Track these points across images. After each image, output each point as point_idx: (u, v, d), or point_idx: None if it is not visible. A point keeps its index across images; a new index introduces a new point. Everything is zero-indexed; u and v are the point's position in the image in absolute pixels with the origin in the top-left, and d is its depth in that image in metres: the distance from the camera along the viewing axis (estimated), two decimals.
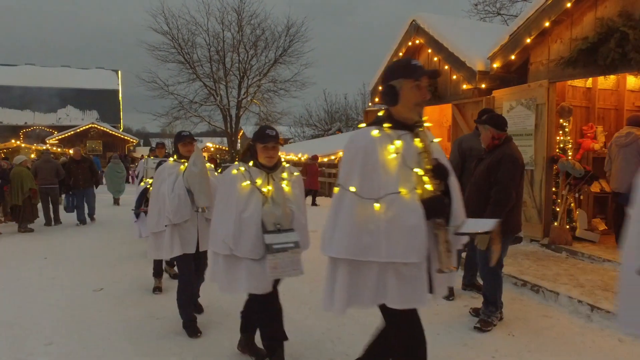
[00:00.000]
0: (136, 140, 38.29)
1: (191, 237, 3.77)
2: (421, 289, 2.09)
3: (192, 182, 3.67)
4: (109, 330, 4.04)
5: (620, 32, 4.98)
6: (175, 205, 3.64)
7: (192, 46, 28.77)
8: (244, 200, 2.86)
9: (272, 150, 2.95)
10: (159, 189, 3.79)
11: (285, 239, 2.83)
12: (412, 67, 2.14)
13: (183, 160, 3.85)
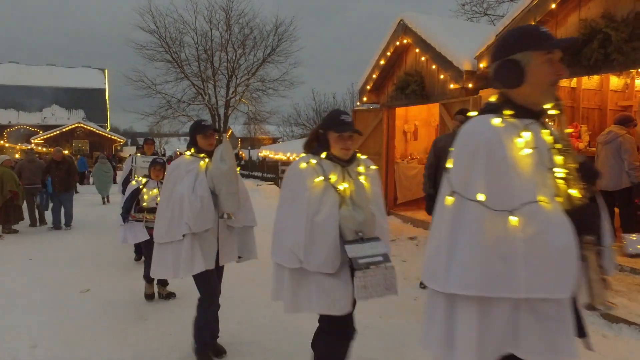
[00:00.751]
0: (123, 140, 37.93)
1: (211, 249, 3.18)
2: (566, 334, 1.56)
3: (219, 183, 3.06)
4: (96, 332, 4.00)
5: (603, 33, 5.06)
6: (197, 209, 3.03)
7: (179, 45, 28.58)
8: (316, 200, 2.32)
9: (349, 141, 2.42)
10: (172, 189, 3.16)
11: (372, 250, 2.31)
12: (542, 35, 1.61)
13: (202, 155, 3.24)
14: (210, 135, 3.30)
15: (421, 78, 8.21)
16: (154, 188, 4.92)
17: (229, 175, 3.07)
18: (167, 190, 3.22)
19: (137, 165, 6.53)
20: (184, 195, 3.08)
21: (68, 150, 30.57)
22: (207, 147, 3.28)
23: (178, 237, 3.09)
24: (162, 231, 3.17)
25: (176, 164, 3.25)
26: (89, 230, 9.20)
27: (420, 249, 6.68)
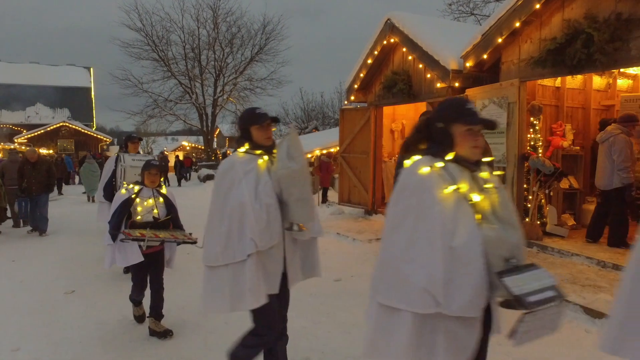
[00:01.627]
0: (109, 139, 37.53)
1: (277, 270, 2.56)
2: None
3: (289, 186, 2.48)
4: (81, 334, 3.96)
5: (586, 34, 5.13)
6: (263, 221, 2.43)
7: (166, 43, 28.37)
8: (450, 218, 1.74)
9: (479, 138, 1.90)
10: (226, 195, 2.51)
11: (537, 282, 1.74)
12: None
13: (259, 151, 2.62)
14: (268, 126, 2.65)
15: (408, 77, 8.25)
16: (149, 197, 3.94)
17: (301, 177, 2.48)
18: (219, 197, 2.55)
19: (127, 164, 5.55)
20: (246, 203, 2.43)
21: (53, 150, 30.27)
22: (265, 141, 2.63)
23: (240, 258, 2.43)
24: (216, 251, 2.47)
25: (229, 163, 2.60)
26: (74, 230, 9.08)
27: None
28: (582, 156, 7.58)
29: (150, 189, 3.99)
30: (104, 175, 5.91)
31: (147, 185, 4.00)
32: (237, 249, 2.43)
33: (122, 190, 4.00)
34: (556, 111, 7.47)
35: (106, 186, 5.78)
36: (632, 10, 4.95)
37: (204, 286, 2.56)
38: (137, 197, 3.91)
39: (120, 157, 5.69)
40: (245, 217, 2.42)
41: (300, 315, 4.18)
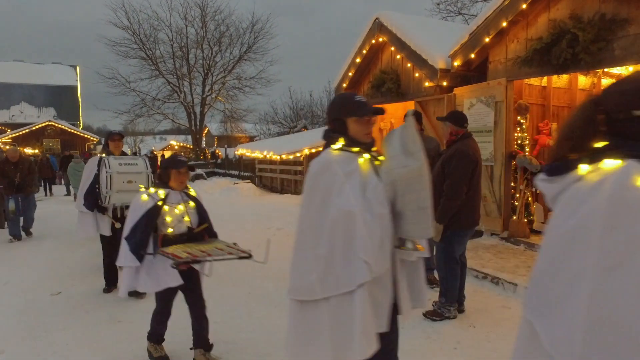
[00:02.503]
0: (97, 139, 37.10)
1: (386, 301, 1.98)
2: None
3: (407, 190, 1.91)
4: (68, 336, 3.91)
5: (571, 34, 5.20)
6: (377, 238, 1.85)
7: (154, 42, 28.10)
8: None
9: None
10: (323, 204, 1.91)
11: None
12: None
13: (357, 149, 2.04)
14: (369, 120, 2.10)
15: (397, 76, 8.28)
16: (178, 203, 3.18)
17: (422, 178, 1.92)
18: (312, 206, 1.95)
19: (112, 170, 4.61)
20: (355, 214, 1.83)
21: (39, 150, 29.85)
22: (365, 137, 2.08)
23: (347, 288, 1.84)
24: (311, 279, 1.88)
25: (323, 163, 2.00)
26: (59, 231, 8.95)
27: None
28: None
29: (178, 192, 3.22)
30: (84, 179, 4.92)
31: (175, 187, 3.22)
32: (343, 276, 1.83)
33: (142, 197, 3.14)
34: (542, 110, 7.55)
35: (88, 194, 4.82)
36: (615, 11, 5.02)
37: (291, 328, 2.03)
38: (165, 204, 3.12)
39: (104, 162, 4.69)
40: (354, 232, 1.81)
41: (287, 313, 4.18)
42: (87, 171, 4.96)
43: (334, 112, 2.12)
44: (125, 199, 4.67)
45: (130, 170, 4.73)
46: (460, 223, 3.94)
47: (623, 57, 5.04)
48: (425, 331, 3.85)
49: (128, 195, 4.55)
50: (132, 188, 4.59)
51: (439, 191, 3.94)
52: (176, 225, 3.14)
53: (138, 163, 4.89)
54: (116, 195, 4.69)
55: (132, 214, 3.14)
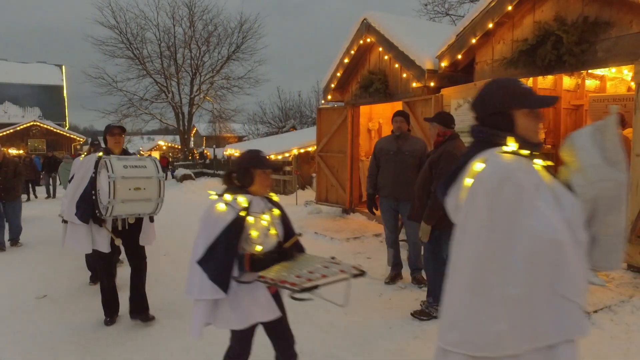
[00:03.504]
0: (83, 139, 36.67)
1: None
2: None
3: (610, 210, 1.56)
4: (55, 339, 3.87)
5: (556, 36, 5.28)
6: (585, 275, 1.52)
7: (141, 41, 27.86)
8: None
9: None
10: (512, 228, 1.44)
11: None
12: None
13: (527, 152, 1.58)
14: (539, 115, 1.63)
15: (385, 76, 8.31)
16: (262, 212, 2.51)
17: (626, 197, 1.57)
18: (493, 232, 1.46)
19: (116, 175, 3.61)
20: (563, 244, 1.44)
21: (24, 150, 29.41)
22: (537, 136, 1.64)
23: (554, 340, 1.45)
24: (499, 329, 1.42)
25: (502, 171, 1.49)
26: (44, 233, 8.84)
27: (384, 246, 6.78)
28: (553, 154, 7.77)
29: (261, 199, 2.54)
30: (76, 183, 4.07)
31: (258, 192, 2.51)
32: (551, 325, 1.42)
33: (217, 207, 2.36)
34: None
35: (82, 201, 3.86)
36: (598, 14, 5.11)
37: None
38: (248, 215, 2.41)
39: (105, 163, 3.66)
40: (563, 266, 1.42)
41: None
42: (80, 172, 4.03)
43: (495, 102, 1.61)
44: (132, 210, 3.82)
45: (138, 174, 3.75)
46: (448, 223, 3.96)
47: (605, 59, 5.12)
48: (413, 331, 3.88)
49: (135, 205, 3.78)
50: (140, 197, 3.73)
51: (426, 192, 3.98)
52: (265, 241, 2.44)
53: (147, 165, 3.87)
54: (120, 206, 3.67)
55: (205, 230, 2.36)
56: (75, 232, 4.00)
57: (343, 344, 3.67)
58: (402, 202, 4.95)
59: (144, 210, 3.90)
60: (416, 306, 4.31)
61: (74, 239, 4.02)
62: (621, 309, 4.01)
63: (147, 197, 3.76)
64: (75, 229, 4.00)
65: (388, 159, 5.05)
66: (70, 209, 4.01)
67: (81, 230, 3.94)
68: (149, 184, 3.80)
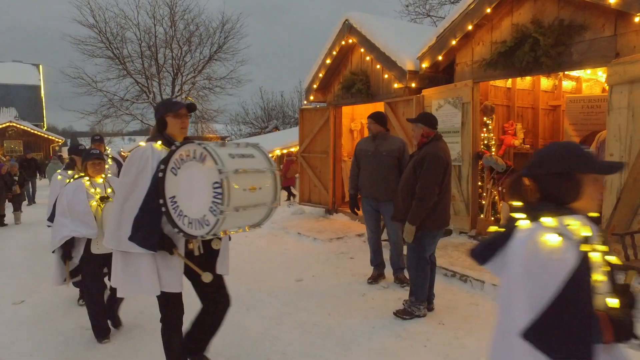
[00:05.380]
0: (62, 140, 35.97)
1: None
2: None
3: None
4: (32, 346, 3.79)
5: (533, 38, 5.39)
6: None
7: (121, 41, 27.41)
8: None
9: None
10: None
11: None
12: None
13: None
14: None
15: (366, 77, 8.37)
16: (596, 242, 1.51)
17: None
18: None
19: (228, 169, 2.37)
20: None
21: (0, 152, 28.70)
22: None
23: None
24: None
25: None
26: (22, 235, 8.65)
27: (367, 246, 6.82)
28: (532, 154, 7.93)
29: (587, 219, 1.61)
30: (124, 191, 2.67)
31: (586, 209, 1.61)
32: None
33: (547, 240, 1.43)
34: (507, 111, 7.77)
35: (146, 215, 2.56)
36: (573, 17, 5.23)
37: None
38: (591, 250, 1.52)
39: (210, 153, 2.33)
40: None
41: (262, 316, 4.18)
42: (131, 175, 2.64)
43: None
44: (243, 222, 2.56)
45: (250, 165, 2.49)
46: (432, 223, 4.02)
47: (581, 61, 5.25)
48: (395, 330, 3.92)
49: (247, 215, 2.49)
50: (255, 201, 2.48)
51: (410, 193, 4.01)
52: None
53: (255, 154, 2.62)
54: (232, 218, 2.38)
55: (530, 281, 1.42)
56: (130, 267, 2.68)
57: (326, 343, 3.68)
58: (382, 203, 4.99)
59: (254, 221, 2.60)
60: (399, 305, 4.34)
61: (131, 278, 2.68)
62: None
63: (262, 202, 2.52)
64: (130, 262, 2.67)
65: (367, 160, 5.09)
66: (118, 231, 2.65)
67: (142, 264, 2.63)
68: (264, 181, 2.57)
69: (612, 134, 4.85)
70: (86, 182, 3.84)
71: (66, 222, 3.73)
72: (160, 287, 2.64)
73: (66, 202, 3.75)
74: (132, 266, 2.65)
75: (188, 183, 2.40)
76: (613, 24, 4.92)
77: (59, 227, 3.79)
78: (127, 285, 2.69)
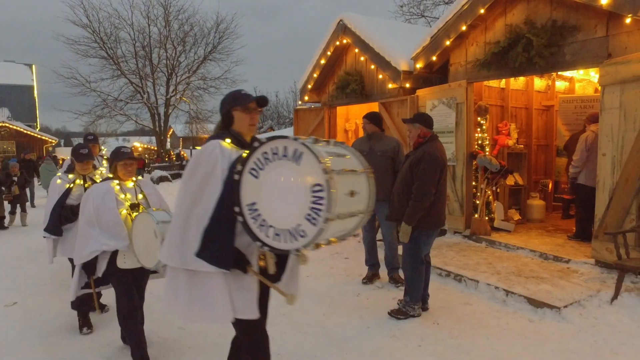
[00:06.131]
0: (55, 141, 35.78)
1: None
2: None
3: None
4: (25, 349, 3.76)
5: (526, 39, 5.42)
6: None
7: (115, 41, 27.31)
8: None
9: None
10: None
11: None
12: None
13: None
14: None
15: (361, 77, 8.38)
16: None
17: None
18: None
19: (332, 169, 1.85)
20: None
21: None
22: None
23: None
24: None
25: None
26: (14, 237, 8.59)
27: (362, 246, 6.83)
28: (526, 154, 7.97)
29: None
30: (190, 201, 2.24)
31: None
32: None
33: None
34: (501, 111, 7.81)
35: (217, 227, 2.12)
36: (565, 18, 5.27)
37: None
38: None
39: (311, 150, 1.87)
40: None
41: None
42: (197, 178, 2.21)
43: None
44: (339, 232, 2.07)
45: (348, 166, 2.11)
46: (428, 223, 4.03)
47: (573, 61, 5.29)
48: (390, 330, 3.93)
49: (342, 225, 2.05)
50: (354, 207, 2.09)
51: (407, 193, 4.01)
52: None
53: (348, 153, 2.23)
54: (335, 226, 1.92)
55: None
56: (197, 289, 2.22)
57: (321, 344, 3.68)
58: (377, 202, 4.98)
59: (345, 232, 2.14)
60: (393, 305, 4.35)
61: (198, 303, 2.22)
62: (589, 303, 4.15)
63: (359, 209, 2.15)
64: (197, 284, 2.22)
65: None
66: (183, 246, 2.19)
67: (212, 285, 2.19)
68: (361, 184, 2.20)
69: (605, 133, 4.88)
70: (116, 187, 3.30)
71: (94, 233, 3.21)
72: (233, 312, 2.20)
73: (94, 209, 3.22)
74: (200, 288, 2.20)
75: (275, 186, 1.95)
76: (605, 25, 4.96)
77: (86, 238, 3.25)
78: (193, 312, 2.22)
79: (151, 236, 2.99)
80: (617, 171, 4.76)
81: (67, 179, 4.11)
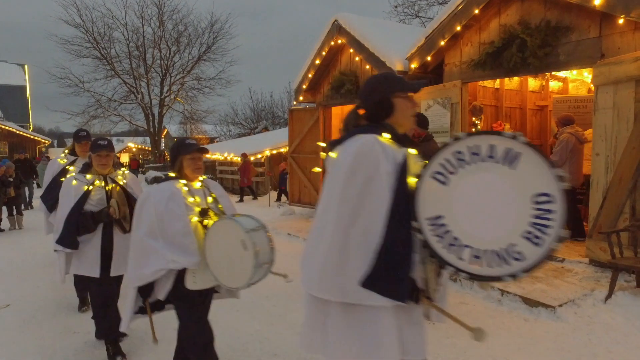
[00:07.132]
0: (48, 141, 35.50)
1: None
2: None
3: None
4: (19, 351, 3.73)
5: (520, 39, 5.44)
6: None
7: (109, 41, 27.24)
8: None
9: None
10: None
11: None
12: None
13: None
14: None
15: (356, 77, 8.39)
16: None
17: None
18: None
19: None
20: None
21: None
22: None
23: None
24: None
25: None
26: (7, 238, 8.53)
27: None
28: None
29: None
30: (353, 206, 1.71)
31: None
32: None
33: None
34: (496, 111, 7.84)
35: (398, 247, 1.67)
36: (559, 19, 5.30)
37: None
38: None
39: None
40: None
41: (253, 318, 4.16)
42: (357, 184, 1.72)
43: None
44: None
45: None
46: None
47: (567, 62, 5.32)
48: None
49: None
50: None
51: None
52: None
53: None
54: None
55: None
56: (362, 328, 1.75)
57: None
58: None
59: None
60: None
61: (364, 345, 1.74)
62: (584, 302, 4.17)
63: None
64: (360, 321, 1.76)
65: None
66: (342, 274, 1.72)
67: (381, 322, 1.72)
68: None
69: (598, 133, 4.91)
70: (183, 188, 2.64)
71: (158, 246, 2.54)
72: (402, 353, 1.74)
73: (156, 217, 2.55)
74: (361, 326, 1.73)
75: (474, 196, 1.56)
76: (598, 25, 4.99)
77: (147, 253, 2.59)
78: (349, 353, 1.74)
79: (238, 248, 2.44)
80: (610, 171, 4.79)
81: (85, 179, 3.42)
